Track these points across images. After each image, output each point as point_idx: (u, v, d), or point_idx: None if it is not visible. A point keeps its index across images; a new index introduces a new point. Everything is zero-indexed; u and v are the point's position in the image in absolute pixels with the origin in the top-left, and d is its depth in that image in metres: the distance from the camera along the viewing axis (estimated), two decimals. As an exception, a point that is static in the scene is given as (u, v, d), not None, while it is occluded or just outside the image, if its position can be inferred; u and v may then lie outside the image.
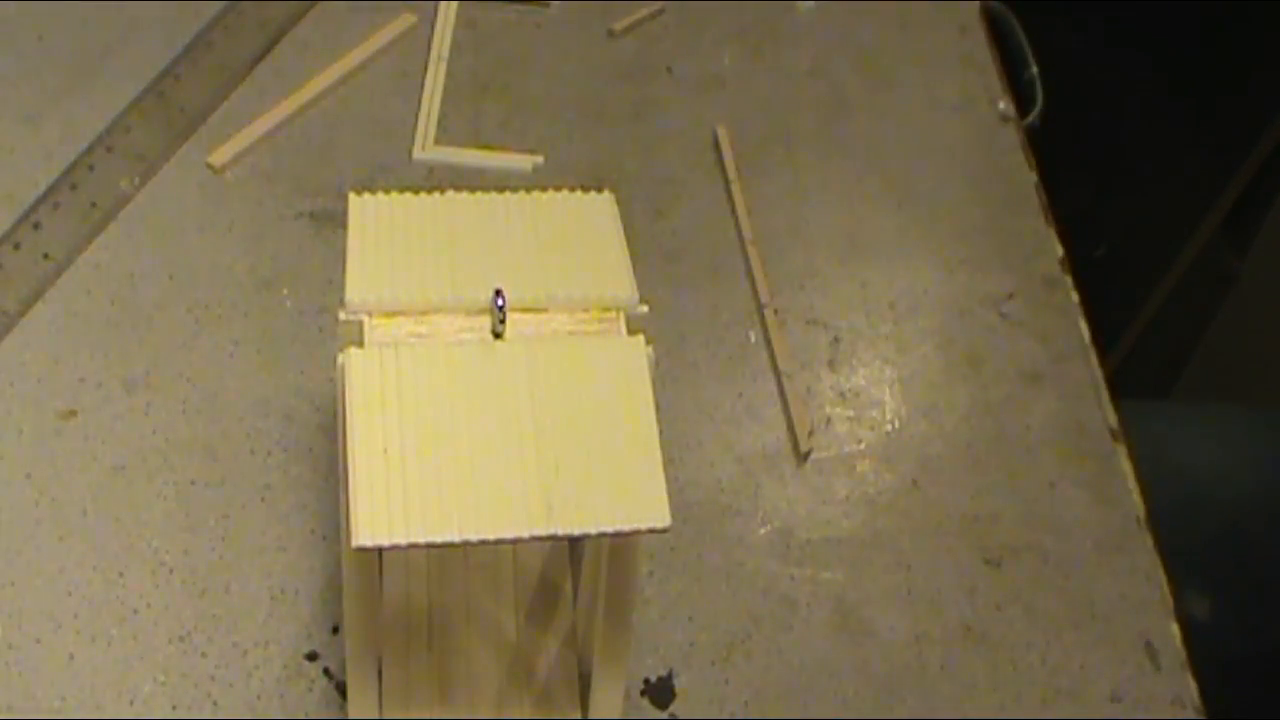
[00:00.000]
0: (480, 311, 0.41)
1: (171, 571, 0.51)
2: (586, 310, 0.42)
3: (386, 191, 0.44)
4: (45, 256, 0.58)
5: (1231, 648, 0.72)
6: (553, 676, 0.48)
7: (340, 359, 0.40)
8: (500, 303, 0.41)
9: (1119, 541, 0.56)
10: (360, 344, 0.40)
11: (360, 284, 0.41)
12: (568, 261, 0.42)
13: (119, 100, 0.63)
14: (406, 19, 0.68)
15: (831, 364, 0.59)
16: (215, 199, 0.61)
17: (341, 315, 0.41)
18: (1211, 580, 0.70)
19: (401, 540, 0.37)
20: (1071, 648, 0.54)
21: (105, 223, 0.60)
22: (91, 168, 0.61)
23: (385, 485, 0.37)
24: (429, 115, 0.65)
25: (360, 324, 0.41)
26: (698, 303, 0.60)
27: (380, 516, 0.37)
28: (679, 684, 0.51)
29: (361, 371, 0.39)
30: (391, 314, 0.41)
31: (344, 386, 0.39)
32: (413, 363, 0.39)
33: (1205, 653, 0.54)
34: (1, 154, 0.61)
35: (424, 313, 0.41)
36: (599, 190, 0.45)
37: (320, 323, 0.58)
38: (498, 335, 0.41)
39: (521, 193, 0.45)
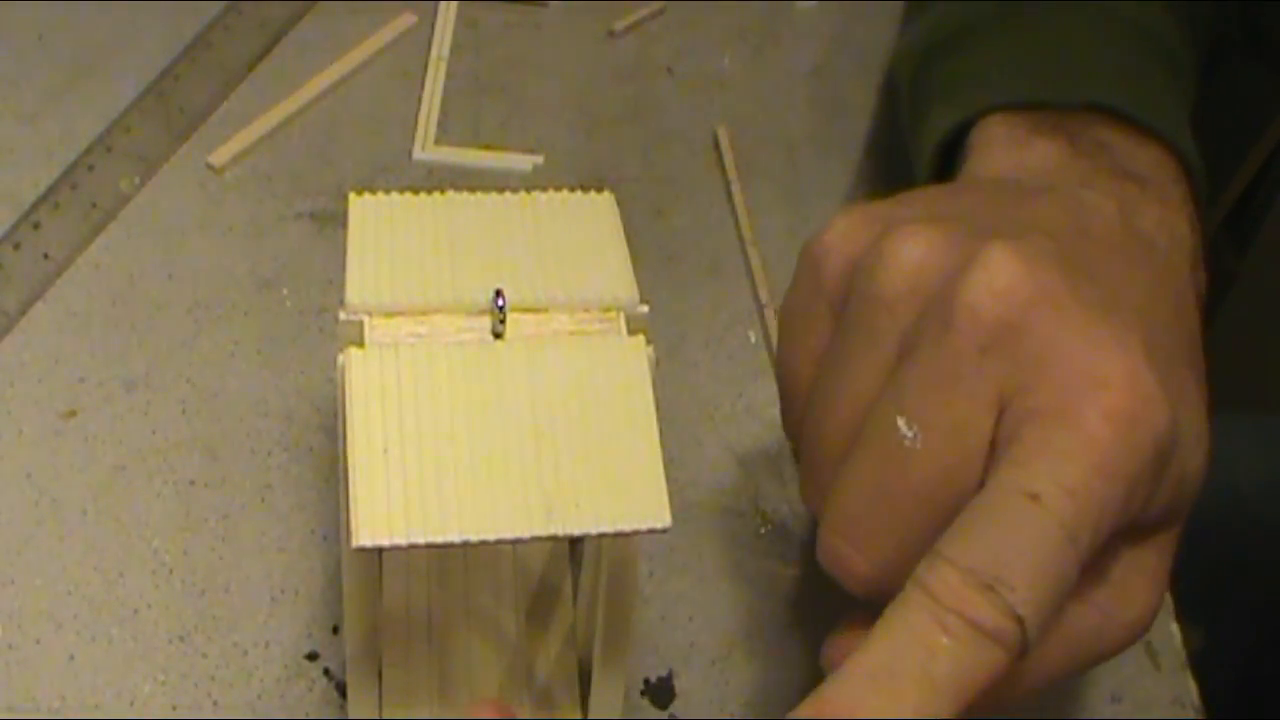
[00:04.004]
0: (480, 312, 0.41)
1: (171, 571, 0.51)
2: (587, 310, 0.41)
3: (386, 191, 0.44)
4: (45, 256, 0.58)
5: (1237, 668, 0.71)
6: (553, 676, 0.48)
7: (340, 359, 0.40)
8: (501, 303, 0.41)
9: (1119, 541, 0.56)
10: (360, 344, 0.40)
11: (360, 284, 0.41)
12: (568, 262, 0.42)
13: (119, 100, 0.63)
14: (406, 19, 0.68)
15: (831, 364, 0.59)
16: (215, 199, 0.61)
17: (341, 315, 0.41)
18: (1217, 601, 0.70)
19: (401, 540, 0.37)
20: (1071, 648, 0.54)
21: (105, 223, 0.60)
22: (91, 168, 0.61)
23: (385, 485, 0.37)
24: (429, 115, 0.65)
25: (360, 324, 0.41)
26: (698, 303, 0.60)
27: (380, 517, 0.37)
28: (679, 684, 0.51)
29: (361, 371, 0.39)
30: (391, 314, 0.41)
31: (344, 386, 0.39)
32: (413, 363, 0.39)
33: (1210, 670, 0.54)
34: (1, 154, 0.61)
35: (424, 313, 0.41)
36: (599, 190, 0.45)
37: (320, 323, 0.58)
38: (498, 335, 0.41)
39: (522, 193, 0.45)
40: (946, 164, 0.50)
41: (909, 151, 0.54)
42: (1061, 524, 0.34)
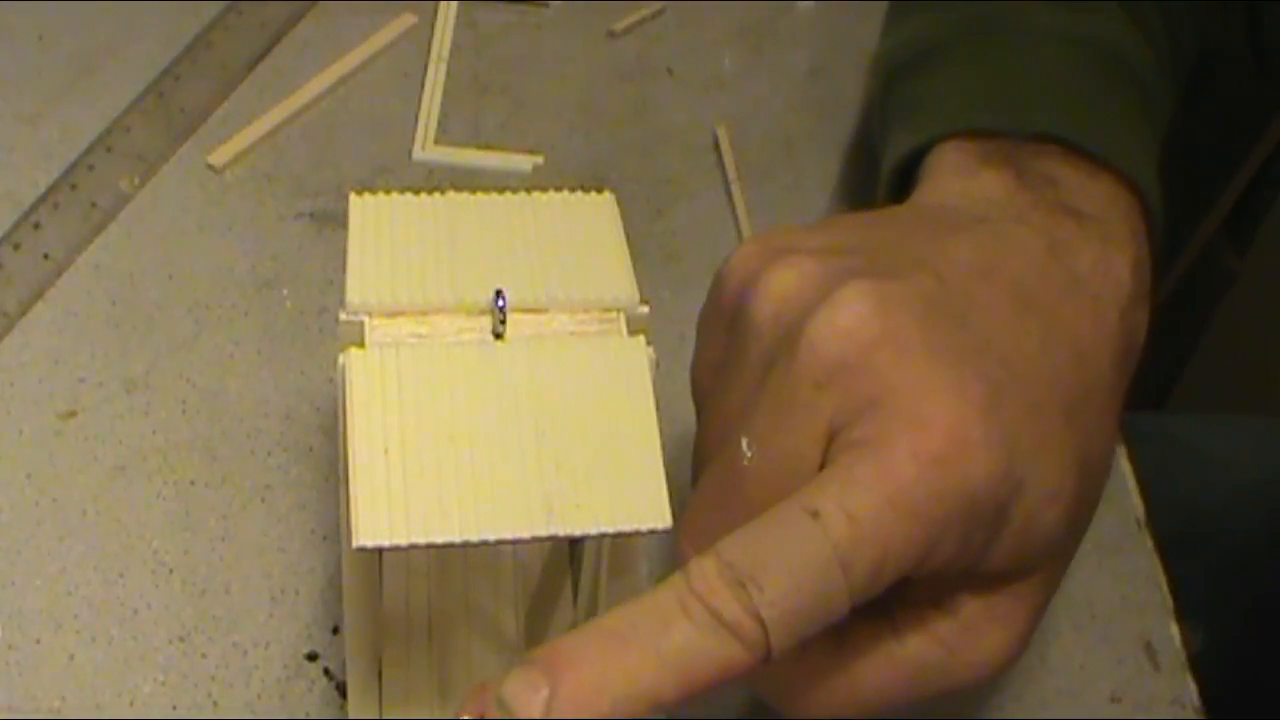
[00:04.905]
0: (481, 312, 0.41)
1: (171, 571, 0.51)
2: (587, 311, 0.42)
3: (387, 192, 0.44)
4: (45, 256, 0.58)
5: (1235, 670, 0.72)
6: (553, 677, 0.48)
7: (340, 359, 0.40)
8: (501, 303, 0.41)
9: (1119, 542, 0.56)
10: (360, 344, 0.40)
11: (360, 285, 0.41)
12: (568, 262, 0.42)
13: (119, 100, 0.63)
14: (406, 19, 0.68)
15: (831, 364, 0.59)
16: (215, 199, 0.61)
17: (342, 316, 0.41)
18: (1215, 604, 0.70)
19: (402, 540, 0.37)
20: (1071, 648, 0.54)
21: (105, 223, 0.60)
22: (91, 168, 0.61)
23: (385, 486, 0.37)
24: (429, 115, 0.65)
25: (361, 324, 0.41)
26: (698, 303, 0.60)
27: (381, 517, 0.37)
28: (679, 684, 0.51)
29: (362, 372, 0.39)
30: (392, 314, 0.41)
31: (344, 387, 0.39)
32: (413, 363, 0.39)
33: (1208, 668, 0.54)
34: (1, 154, 0.61)
35: (424, 313, 0.41)
36: (599, 190, 0.46)
37: (320, 323, 0.58)
38: (498, 336, 0.41)
39: (522, 194, 0.45)
40: (905, 186, 0.50)
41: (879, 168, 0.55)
42: (835, 545, 0.35)
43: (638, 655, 0.34)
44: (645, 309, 0.42)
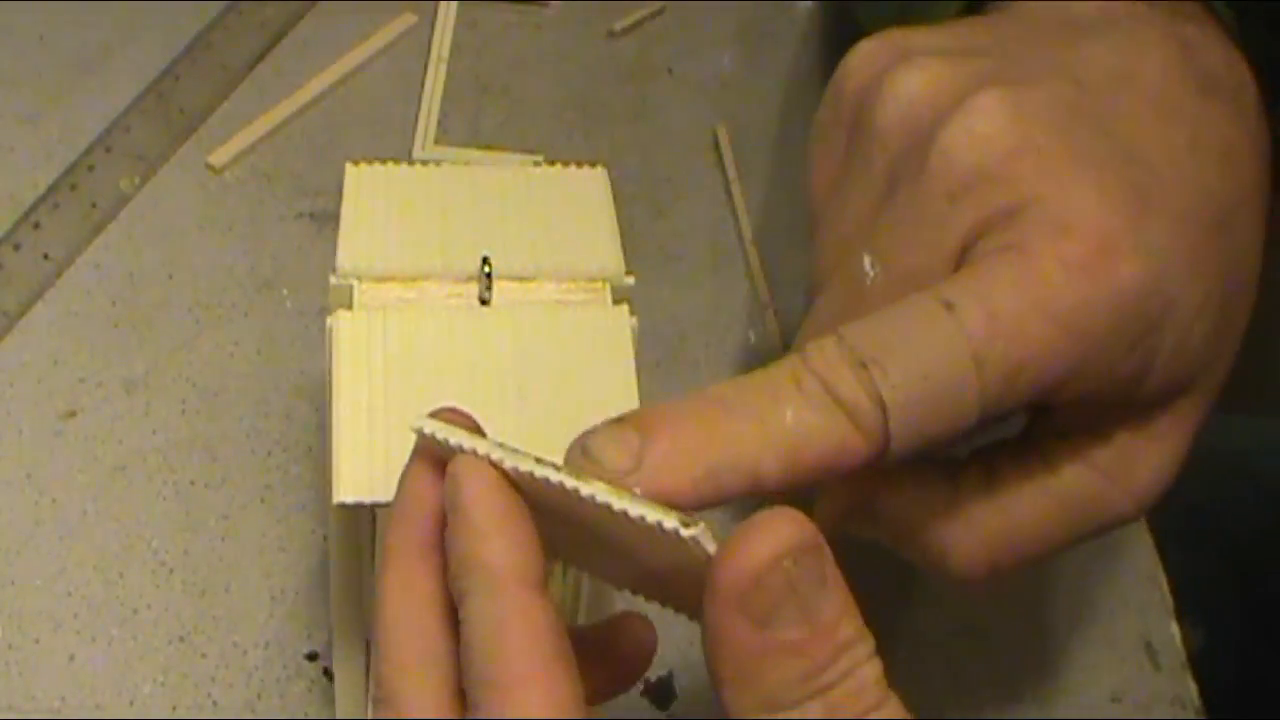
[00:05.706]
0: (469, 279, 0.41)
1: (171, 571, 0.51)
2: (574, 280, 0.42)
3: (383, 161, 0.45)
4: (45, 256, 0.58)
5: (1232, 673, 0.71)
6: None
7: (329, 321, 0.40)
8: (488, 270, 0.41)
9: (1119, 542, 0.56)
10: (349, 307, 0.41)
11: (352, 250, 0.42)
12: (557, 233, 0.43)
13: (119, 100, 0.63)
14: (406, 19, 0.68)
15: (831, 364, 0.59)
16: (215, 199, 0.61)
17: (332, 279, 0.41)
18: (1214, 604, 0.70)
19: (382, 497, 0.37)
20: (1071, 648, 0.54)
21: (105, 223, 0.60)
22: (91, 168, 0.61)
23: (368, 445, 0.37)
24: (429, 115, 0.65)
25: (350, 288, 0.41)
26: (698, 303, 0.60)
27: (361, 474, 0.37)
28: (679, 684, 0.51)
29: (349, 334, 0.40)
30: (381, 279, 0.41)
31: (332, 349, 0.40)
32: (400, 326, 0.40)
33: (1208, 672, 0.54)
34: (1, 154, 0.61)
35: (413, 279, 0.41)
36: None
37: (320, 323, 0.58)
38: (484, 302, 0.41)
39: (514, 166, 0.45)
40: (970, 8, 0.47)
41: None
42: (968, 337, 0.33)
43: (741, 424, 0.31)
44: (630, 279, 0.42)
